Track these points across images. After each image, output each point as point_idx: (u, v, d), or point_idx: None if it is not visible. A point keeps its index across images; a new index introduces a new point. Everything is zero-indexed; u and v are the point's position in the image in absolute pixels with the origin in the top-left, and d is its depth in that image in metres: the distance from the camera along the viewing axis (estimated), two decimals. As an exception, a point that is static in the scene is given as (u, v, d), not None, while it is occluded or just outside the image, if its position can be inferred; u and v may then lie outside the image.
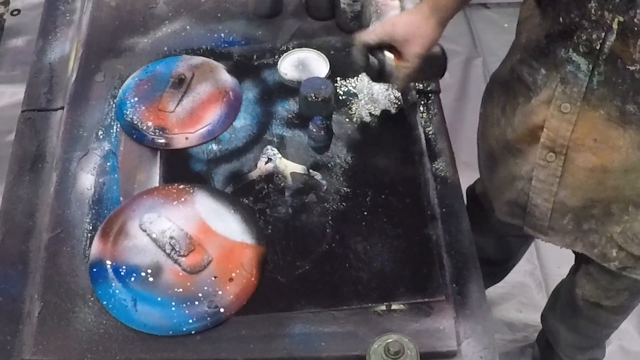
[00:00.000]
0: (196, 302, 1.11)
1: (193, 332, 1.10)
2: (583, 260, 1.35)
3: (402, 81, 1.26)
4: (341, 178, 1.28)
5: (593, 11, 0.93)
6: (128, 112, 1.36)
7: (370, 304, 1.13)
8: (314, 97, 1.33)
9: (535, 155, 1.11)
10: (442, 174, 1.31)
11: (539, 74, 1.06)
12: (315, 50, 1.47)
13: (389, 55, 1.25)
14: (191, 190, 1.25)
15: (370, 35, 1.25)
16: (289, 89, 1.41)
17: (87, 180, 1.29)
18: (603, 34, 0.94)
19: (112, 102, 1.40)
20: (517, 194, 1.18)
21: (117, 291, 1.13)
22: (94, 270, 1.16)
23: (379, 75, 1.27)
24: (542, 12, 1.05)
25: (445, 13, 1.20)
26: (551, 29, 1.02)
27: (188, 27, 1.54)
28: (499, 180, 1.24)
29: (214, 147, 1.33)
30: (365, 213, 1.23)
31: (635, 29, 0.90)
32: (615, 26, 0.92)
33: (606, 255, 1.16)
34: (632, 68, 0.93)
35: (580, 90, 1.00)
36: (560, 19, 0.99)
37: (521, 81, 1.12)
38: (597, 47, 0.95)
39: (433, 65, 1.31)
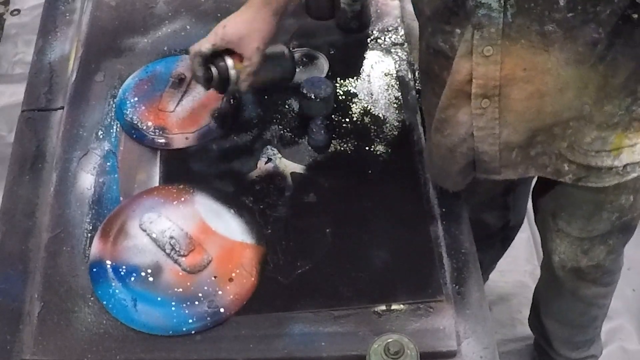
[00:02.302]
0: (196, 302, 1.11)
1: (193, 332, 1.10)
2: (550, 220, 1.36)
3: (247, 83, 1.23)
4: (341, 178, 1.28)
5: None
6: (128, 112, 1.36)
7: (370, 304, 1.13)
8: (314, 97, 1.33)
9: (465, 114, 1.10)
10: (442, 174, 1.31)
11: (455, 36, 1.05)
12: (315, 50, 1.47)
13: (228, 60, 1.21)
14: (191, 190, 1.25)
15: (203, 44, 1.22)
16: (289, 89, 1.41)
17: (87, 180, 1.29)
18: None
19: (112, 102, 1.40)
20: (463, 158, 1.16)
21: (117, 291, 1.13)
22: (94, 270, 1.16)
23: (223, 84, 1.23)
24: None
25: (279, 2, 1.20)
26: None
27: (188, 27, 1.54)
28: (437, 161, 1.21)
29: (214, 147, 1.33)
30: (365, 213, 1.23)
31: None
32: None
33: (559, 170, 1.16)
34: None
35: (497, 28, 0.99)
36: None
37: (439, 53, 1.11)
38: None
39: (278, 65, 1.30)
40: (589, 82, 1.03)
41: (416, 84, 1.44)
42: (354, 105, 1.39)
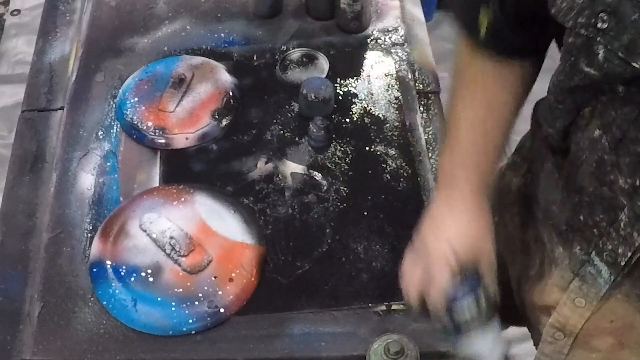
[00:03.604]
0: (196, 302, 1.11)
1: (193, 332, 1.10)
2: None
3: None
4: (341, 178, 1.28)
5: (622, 225, 0.81)
6: (128, 112, 1.36)
7: (370, 304, 1.13)
8: (314, 97, 1.33)
9: (542, 325, 0.99)
10: (442, 174, 1.31)
11: (557, 248, 0.93)
12: (315, 50, 1.47)
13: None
14: (191, 191, 1.25)
15: (442, 284, 0.93)
16: (289, 89, 1.41)
17: (87, 180, 1.29)
18: (629, 252, 0.82)
19: (112, 102, 1.40)
20: None
21: (117, 291, 1.13)
22: (94, 270, 1.16)
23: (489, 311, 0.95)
24: (562, 183, 0.89)
25: (488, 184, 0.98)
26: (571, 220, 0.89)
27: (188, 27, 1.54)
28: None
29: (214, 147, 1.33)
30: (365, 213, 1.23)
31: None
32: None
33: None
34: None
35: (598, 292, 0.89)
36: (582, 217, 0.86)
37: (537, 240, 0.99)
38: (622, 263, 0.84)
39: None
40: None
41: (416, 84, 1.44)
42: (354, 105, 1.39)
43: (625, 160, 0.78)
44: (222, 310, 1.11)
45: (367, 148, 1.32)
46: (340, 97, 1.39)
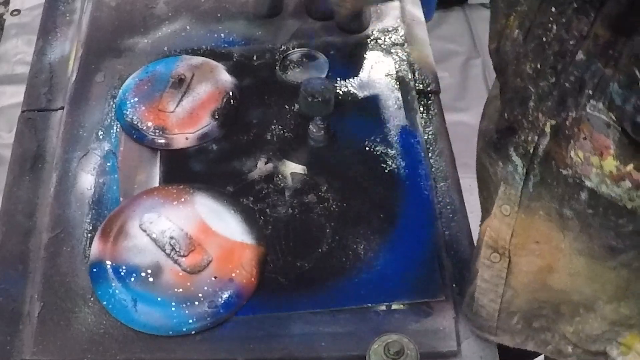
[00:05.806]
0: (196, 302, 1.11)
1: (193, 332, 1.10)
2: None
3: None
4: (341, 178, 1.28)
5: (530, 111, 0.86)
6: (128, 112, 1.36)
7: (370, 304, 1.13)
8: (314, 97, 1.33)
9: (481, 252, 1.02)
10: (442, 174, 1.31)
11: (498, 166, 0.96)
12: (315, 50, 1.47)
13: None
14: (191, 191, 1.25)
15: None
16: (289, 89, 1.41)
17: (87, 180, 1.29)
18: (537, 137, 0.86)
19: (112, 102, 1.40)
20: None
21: (117, 291, 1.13)
22: (94, 270, 1.16)
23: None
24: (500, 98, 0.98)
25: None
26: (499, 123, 0.94)
27: (188, 27, 1.54)
28: None
29: (214, 147, 1.33)
30: (365, 213, 1.23)
31: (567, 132, 0.82)
32: (548, 130, 0.85)
33: (561, 351, 1.06)
34: (565, 172, 0.85)
35: (516, 193, 0.92)
36: (505, 114, 0.91)
37: (485, 169, 1.05)
38: (531, 151, 0.87)
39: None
40: (606, 282, 0.94)
41: (416, 84, 1.44)
42: (354, 105, 1.39)
43: (531, 45, 0.83)
44: (222, 310, 1.11)
45: (367, 148, 1.32)
46: (340, 97, 1.39)
